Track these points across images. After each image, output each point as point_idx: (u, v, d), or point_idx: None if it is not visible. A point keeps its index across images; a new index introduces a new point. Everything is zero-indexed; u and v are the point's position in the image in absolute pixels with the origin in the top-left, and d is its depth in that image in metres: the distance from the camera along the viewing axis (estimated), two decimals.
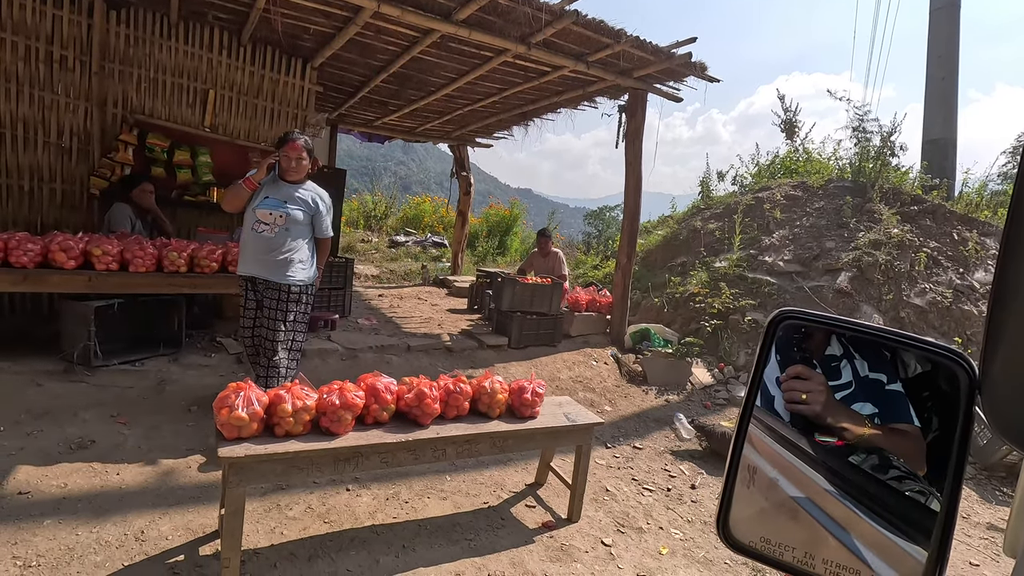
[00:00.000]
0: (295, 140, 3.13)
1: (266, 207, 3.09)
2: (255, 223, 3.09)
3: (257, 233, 3.08)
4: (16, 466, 2.71)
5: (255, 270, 3.11)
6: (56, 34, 4.39)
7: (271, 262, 3.09)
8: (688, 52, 5.02)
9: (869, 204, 6.94)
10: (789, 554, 0.51)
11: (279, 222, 3.09)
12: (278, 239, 3.08)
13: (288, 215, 3.11)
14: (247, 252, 3.13)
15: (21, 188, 4.43)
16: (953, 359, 0.46)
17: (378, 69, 6.01)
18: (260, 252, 3.08)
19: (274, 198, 3.13)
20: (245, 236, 3.15)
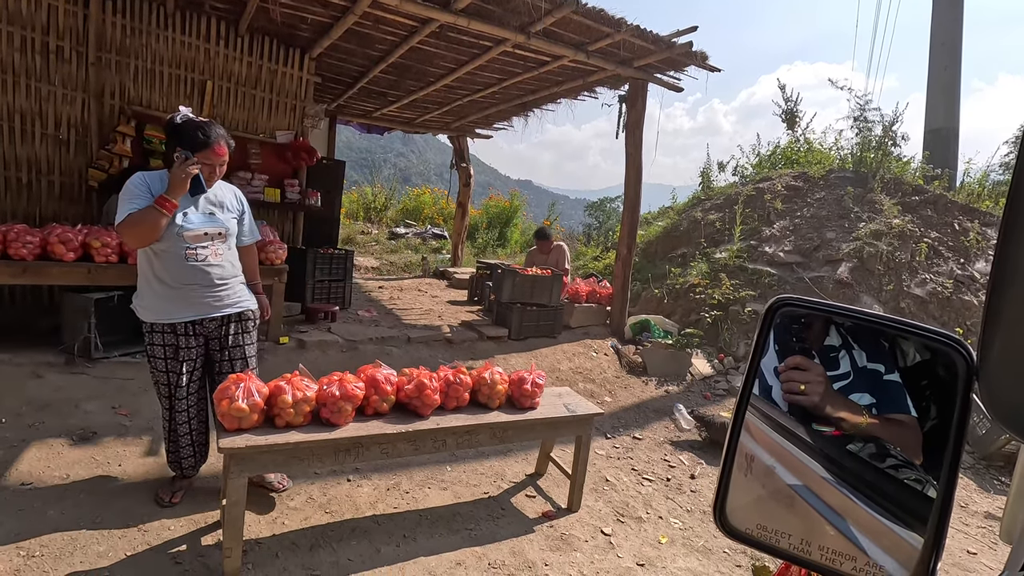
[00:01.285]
0: (219, 142, 2.33)
1: (196, 225, 2.30)
2: (188, 250, 2.28)
3: (199, 262, 2.31)
4: (19, 458, 2.73)
5: (205, 309, 2.37)
6: (52, 24, 4.35)
7: (226, 292, 2.42)
8: (689, 41, 4.98)
9: (870, 194, 6.92)
10: (785, 541, 0.51)
11: (219, 240, 2.38)
12: (225, 262, 2.41)
13: (226, 228, 2.42)
14: (174, 293, 2.31)
15: (19, 180, 4.41)
16: (951, 345, 0.46)
17: (377, 59, 5.96)
18: (206, 287, 2.35)
19: (200, 212, 2.36)
20: (174, 272, 2.30)
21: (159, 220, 2.20)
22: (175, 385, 2.41)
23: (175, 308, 2.34)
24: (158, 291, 2.33)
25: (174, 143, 2.27)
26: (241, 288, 2.52)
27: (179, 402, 2.43)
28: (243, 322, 2.52)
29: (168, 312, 2.34)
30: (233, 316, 2.47)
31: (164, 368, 2.40)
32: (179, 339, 2.38)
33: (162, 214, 2.19)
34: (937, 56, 10.35)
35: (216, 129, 2.34)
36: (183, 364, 2.40)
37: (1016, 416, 0.46)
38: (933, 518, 0.46)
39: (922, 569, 0.46)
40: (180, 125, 2.29)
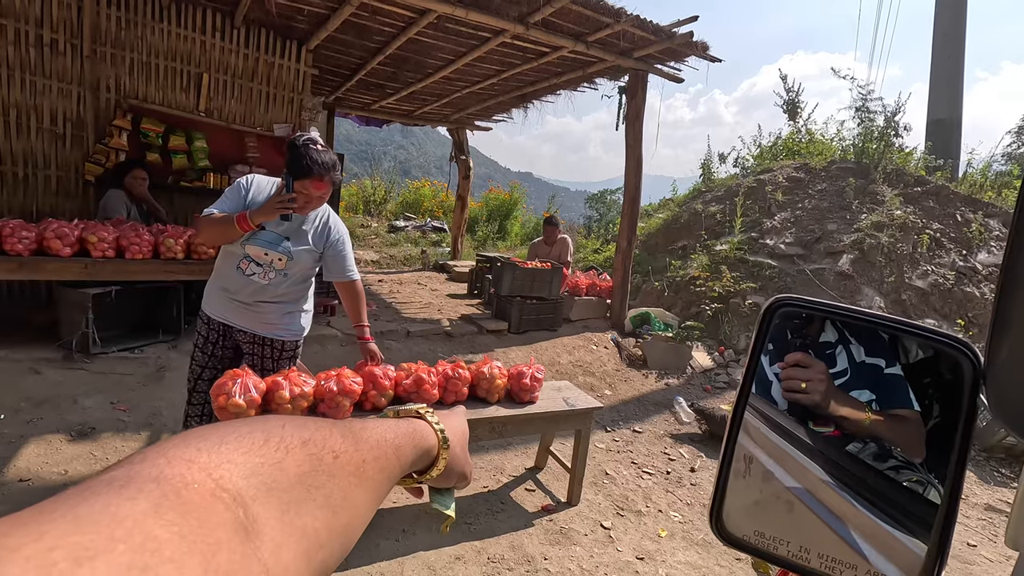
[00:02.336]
0: (322, 176, 2.14)
1: (261, 244, 2.22)
2: (243, 261, 2.24)
3: (245, 275, 2.25)
4: (17, 454, 2.72)
5: (234, 319, 2.34)
6: (46, 17, 4.31)
7: (261, 314, 2.34)
8: (690, 31, 4.93)
9: (872, 185, 6.88)
10: (784, 548, 0.50)
11: (278, 265, 2.26)
12: (273, 286, 2.29)
13: (291, 258, 2.27)
14: (223, 294, 2.32)
15: (15, 175, 4.39)
16: (957, 347, 0.44)
17: (374, 51, 5.92)
18: (245, 298, 2.30)
19: (272, 230, 2.25)
20: (223, 273, 2.31)
21: (230, 233, 2.17)
22: (196, 377, 2.43)
23: (217, 306, 2.36)
24: (213, 283, 2.37)
25: (287, 163, 2.18)
26: (288, 319, 2.38)
27: (195, 395, 2.44)
28: (275, 349, 2.40)
29: (211, 306, 2.37)
30: (265, 340, 2.38)
31: (194, 355, 2.43)
32: (210, 334, 2.39)
33: (235, 229, 2.14)
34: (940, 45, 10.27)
35: (324, 159, 2.16)
36: (209, 359, 2.41)
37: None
38: (937, 525, 0.44)
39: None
40: (294, 144, 2.18)
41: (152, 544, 0.21)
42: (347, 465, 0.38)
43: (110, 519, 0.21)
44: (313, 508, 0.33)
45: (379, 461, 0.43)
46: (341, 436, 0.40)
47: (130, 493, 0.23)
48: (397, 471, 0.47)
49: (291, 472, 0.33)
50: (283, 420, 0.37)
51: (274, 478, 0.31)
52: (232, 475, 0.29)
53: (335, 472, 0.37)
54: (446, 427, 0.57)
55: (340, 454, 0.38)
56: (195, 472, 0.27)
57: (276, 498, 0.30)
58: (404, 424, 0.51)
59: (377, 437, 0.45)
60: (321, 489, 0.34)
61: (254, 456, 0.31)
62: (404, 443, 0.48)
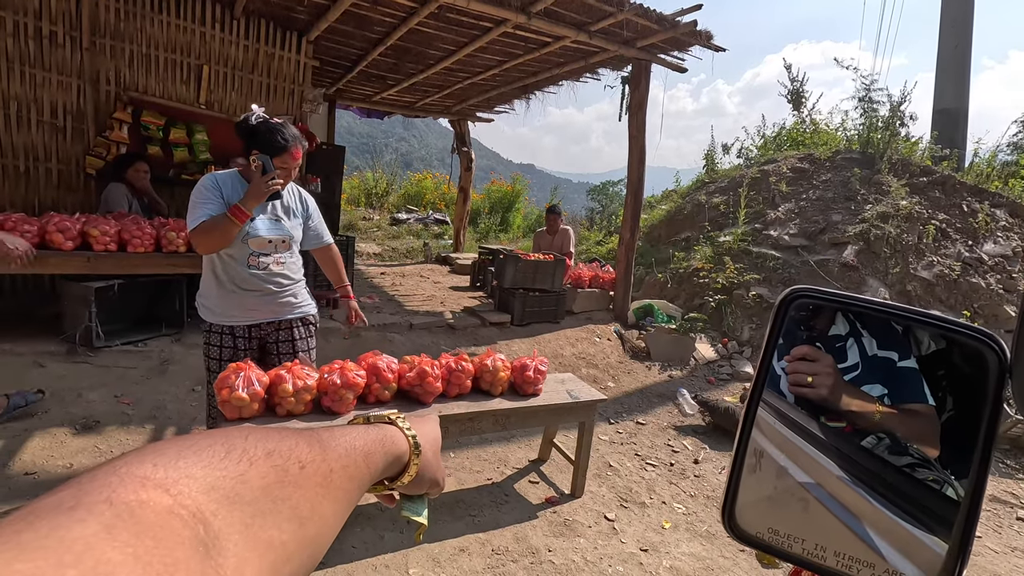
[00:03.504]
0: (296, 144, 2.21)
1: (262, 232, 2.24)
2: (251, 256, 2.24)
3: (260, 270, 2.26)
4: (22, 447, 2.73)
5: (265, 314, 2.34)
6: (44, 8, 4.28)
7: (287, 298, 2.37)
8: (693, 20, 4.87)
9: (877, 176, 6.82)
10: (799, 546, 0.48)
11: (283, 248, 2.30)
12: (288, 269, 2.34)
13: (291, 236, 2.33)
14: (241, 298, 2.28)
15: (16, 168, 4.37)
16: (983, 341, 0.43)
17: (375, 42, 5.86)
18: (265, 294, 2.30)
19: (266, 217, 2.28)
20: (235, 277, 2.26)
21: (231, 229, 2.14)
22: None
23: (236, 312, 2.30)
24: (220, 293, 2.29)
25: (250, 147, 2.16)
26: (303, 293, 2.45)
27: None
28: (300, 327, 2.45)
29: (228, 315, 2.31)
30: (292, 321, 2.42)
31: (217, 368, 2.34)
32: (236, 341, 2.35)
33: (235, 224, 2.12)
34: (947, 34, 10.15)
35: (291, 130, 2.21)
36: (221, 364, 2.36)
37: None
38: (959, 523, 0.43)
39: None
40: (255, 127, 2.16)
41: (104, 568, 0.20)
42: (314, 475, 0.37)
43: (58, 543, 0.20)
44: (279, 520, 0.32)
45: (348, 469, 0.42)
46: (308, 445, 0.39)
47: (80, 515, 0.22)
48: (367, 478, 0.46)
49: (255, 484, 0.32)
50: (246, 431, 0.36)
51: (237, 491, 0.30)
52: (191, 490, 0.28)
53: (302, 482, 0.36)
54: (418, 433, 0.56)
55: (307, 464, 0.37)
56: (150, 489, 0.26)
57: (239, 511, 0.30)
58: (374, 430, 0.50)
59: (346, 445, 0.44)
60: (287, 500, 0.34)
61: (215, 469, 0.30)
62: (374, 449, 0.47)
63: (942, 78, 10.01)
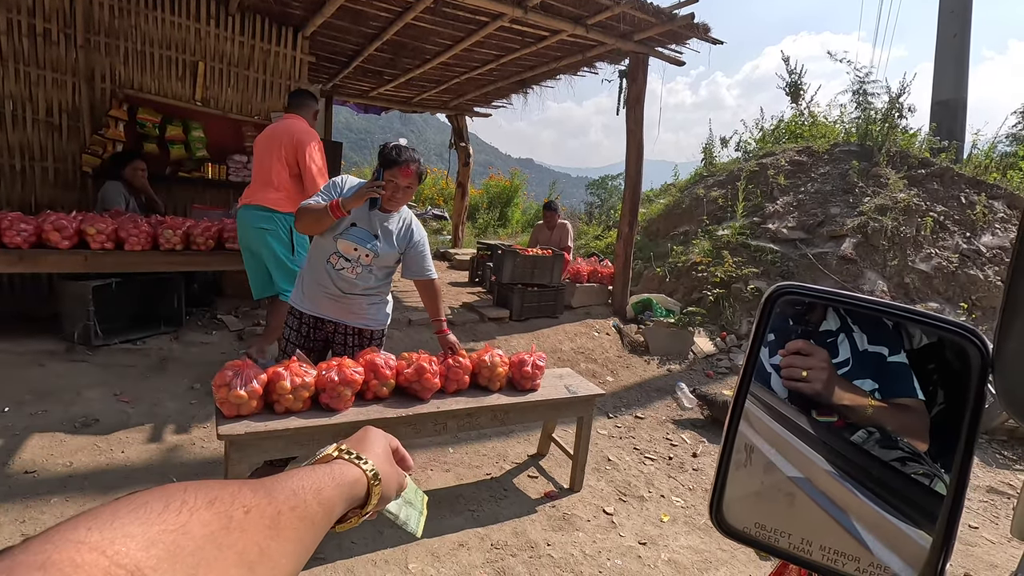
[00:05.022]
0: (408, 164, 2.38)
1: (352, 239, 2.43)
2: (333, 255, 2.45)
3: (335, 269, 2.46)
4: (22, 446, 2.74)
5: (328, 312, 2.54)
6: (38, 6, 4.26)
7: (350, 305, 2.54)
8: (691, 13, 4.86)
9: (876, 168, 6.81)
10: (785, 540, 0.49)
11: (364, 260, 2.46)
12: (361, 280, 2.49)
13: (377, 254, 2.47)
14: (315, 289, 2.52)
15: (12, 167, 4.36)
16: (965, 336, 0.43)
17: (372, 37, 5.84)
18: (337, 292, 2.50)
19: (363, 228, 2.46)
20: (315, 268, 2.51)
21: (323, 219, 2.38)
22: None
23: (307, 300, 2.55)
24: (306, 280, 2.56)
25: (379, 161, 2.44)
26: (374, 310, 2.60)
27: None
28: (363, 338, 2.63)
29: (301, 301, 2.57)
30: (352, 329, 2.60)
31: (285, 347, 2.61)
32: (302, 327, 2.59)
33: (328, 215, 2.36)
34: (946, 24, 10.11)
35: (411, 154, 2.43)
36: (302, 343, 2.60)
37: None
38: (943, 517, 0.43)
39: (930, 570, 0.43)
40: (385, 146, 2.45)
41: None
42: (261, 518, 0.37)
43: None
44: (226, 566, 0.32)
45: (297, 510, 0.42)
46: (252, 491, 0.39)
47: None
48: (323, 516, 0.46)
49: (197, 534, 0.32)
50: (185, 485, 0.36)
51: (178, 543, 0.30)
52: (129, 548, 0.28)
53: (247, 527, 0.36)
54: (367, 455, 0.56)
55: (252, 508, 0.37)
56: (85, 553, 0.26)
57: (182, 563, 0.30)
58: (320, 468, 0.51)
59: (292, 487, 0.44)
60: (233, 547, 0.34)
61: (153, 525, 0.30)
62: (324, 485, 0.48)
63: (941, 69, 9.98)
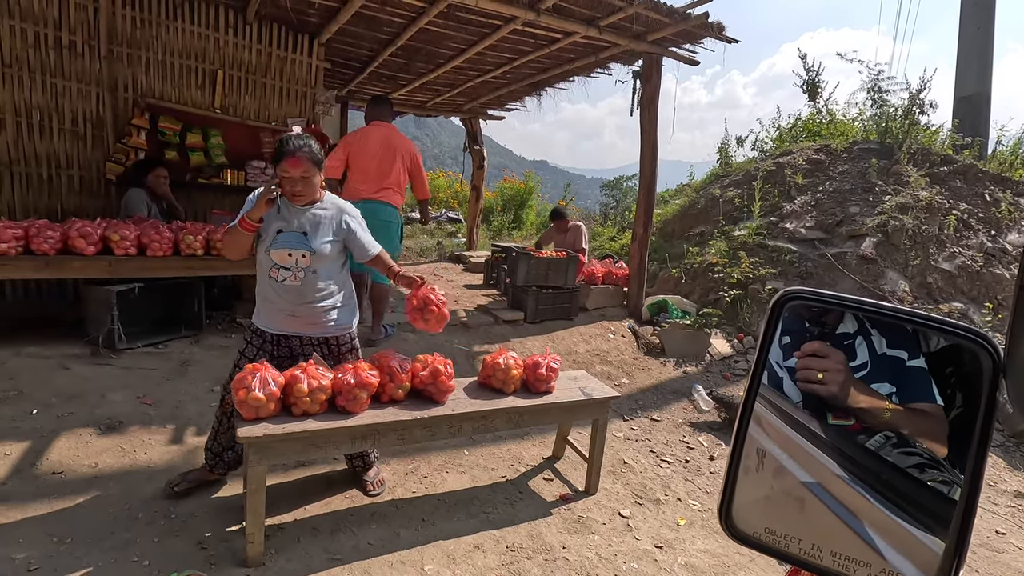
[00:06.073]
0: (294, 154, 2.27)
1: (283, 246, 2.34)
2: (272, 268, 2.36)
3: (278, 283, 2.36)
4: (50, 447, 2.81)
5: (287, 327, 2.45)
6: (63, 19, 4.38)
7: (307, 315, 2.43)
8: (705, 12, 4.82)
9: (896, 166, 6.69)
10: (795, 545, 0.49)
11: (303, 263, 2.37)
12: (308, 286, 2.38)
13: (314, 252, 2.37)
14: (269, 306, 2.43)
15: (40, 176, 4.49)
16: (975, 341, 0.42)
17: (386, 42, 5.89)
18: (289, 305, 2.39)
19: (290, 231, 2.37)
20: (262, 286, 2.43)
21: (239, 238, 2.34)
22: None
23: (264, 318, 2.47)
24: (258, 297, 2.48)
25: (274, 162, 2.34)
26: (333, 313, 2.49)
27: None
28: (331, 347, 2.54)
29: (262, 319, 2.48)
30: (318, 340, 2.50)
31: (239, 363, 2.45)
32: (265, 346, 2.47)
33: (240, 232, 2.32)
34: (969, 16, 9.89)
35: (296, 142, 2.29)
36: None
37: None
38: (955, 523, 0.43)
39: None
40: (277, 147, 2.34)
41: None
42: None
43: None
44: None
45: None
46: None
47: None
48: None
49: None
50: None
51: None
52: None
53: None
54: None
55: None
56: None
57: None
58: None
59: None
60: None
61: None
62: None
63: (964, 63, 9.76)
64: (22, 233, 3.46)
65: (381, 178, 4.31)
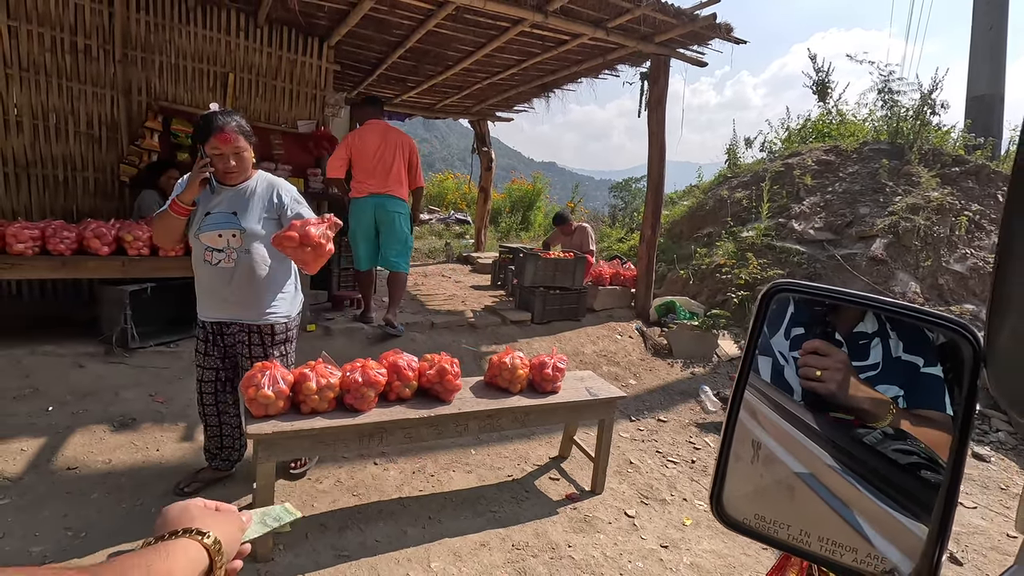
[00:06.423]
0: (223, 129, 2.19)
1: (213, 227, 2.25)
2: (205, 252, 2.27)
3: (212, 266, 2.28)
4: (65, 443, 2.87)
5: (222, 312, 2.37)
6: (80, 24, 4.46)
7: (240, 299, 2.33)
8: (712, 13, 4.82)
9: (907, 166, 6.63)
10: (784, 531, 0.50)
11: (235, 243, 2.27)
12: (241, 266, 2.29)
13: (245, 231, 2.27)
14: (206, 292, 2.36)
15: (56, 178, 4.57)
16: (957, 331, 0.44)
17: (395, 45, 5.95)
18: (222, 289, 2.31)
19: (220, 212, 2.27)
20: (197, 273, 2.35)
21: (169, 223, 2.25)
22: (199, 379, 2.52)
23: (204, 307, 2.42)
24: (196, 286, 2.41)
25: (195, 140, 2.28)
26: (272, 300, 2.41)
27: (205, 396, 2.54)
28: (264, 335, 2.42)
29: (201, 309, 2.43)
30: (253, 327, 2.40)
31: (196, 360, 2.51)
32: (208, 336, 2.45)
33: (172, 216, 2.23)
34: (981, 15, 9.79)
35: (226, 118, 2.23)
36: (207, 359, 2.48)
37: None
38: (938, 508, 0.44)
39: (926, 562, 0.44)
40: (198, 120, 2.28)
41: None
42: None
43: None
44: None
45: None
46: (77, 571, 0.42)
47: None
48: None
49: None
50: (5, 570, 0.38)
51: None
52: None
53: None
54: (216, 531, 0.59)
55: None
56: None
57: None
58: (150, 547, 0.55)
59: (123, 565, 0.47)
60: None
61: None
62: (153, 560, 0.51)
63: (976, 62, 9.66)
64: (39, 234, 3.54)
65: (385, 174, 4.51)
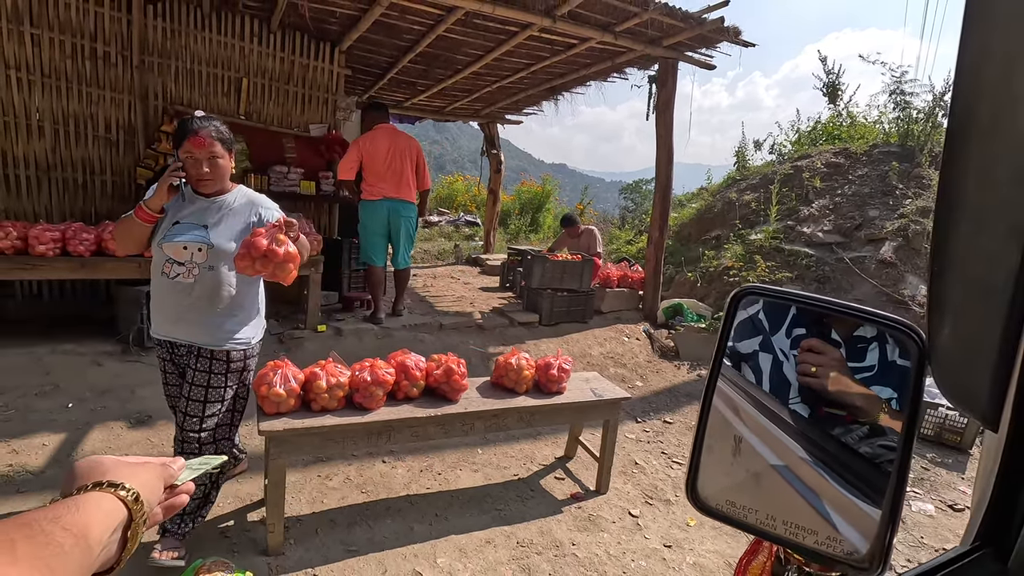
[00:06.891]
0: (198, 132, 2.00)
1: (178, 238, 2.03)
2: (165, 263, 2.04)
3: (170, 279, 2.04)
4: (84, 439, 2.96)
5: (174, 331, 2.12)
6: (99, 31, 4.58)
7: (196, 319, 2.09)
8: (720, 17, 4.84)
9: (917, 169, 6.60)
10: (752, 516, 0.54)
11: (199, 258, 2.04)
12: (202, 284, 2.05)
13: (213, 246, 2.04)
14: (159, 306, 2.12)
15: (75, 181, 4.69)
16: (903, 331, 0.48)
17: (405, 49, 6.03)
18: (177, 305, 2.07)
19: (189, 222, 2.06)
20: (154, 285, 2.12)
21: (132, 228, 2.04)
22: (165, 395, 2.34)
23: (157, 321, 2.17)
24: (152, 300, 2.18)
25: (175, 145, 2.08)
26: (230, 325, 2.14)
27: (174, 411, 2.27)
28: (215, 362, 2.12)
29: (155, 323, 2.18)
30: (203, 351, 2.11)
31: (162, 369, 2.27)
32: (163, 354, 2.23)
33: (135, 222, 2.02)
34: None
35: (203, 122, 2.03)
36: (166, 377, 2.27)
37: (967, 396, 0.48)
38: (889, 494, 0.48)
39: (879, 543, 0.48)
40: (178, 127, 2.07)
41: None
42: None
43: None
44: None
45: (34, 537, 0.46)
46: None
47: None
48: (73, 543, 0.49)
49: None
50: None
51: None
52: None
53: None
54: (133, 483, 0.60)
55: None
56: None
57: None
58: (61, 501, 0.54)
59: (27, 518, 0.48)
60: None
61: None
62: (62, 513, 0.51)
63: None
64: (60, 236, 3.64)
65: (396, 178, 4.66)
